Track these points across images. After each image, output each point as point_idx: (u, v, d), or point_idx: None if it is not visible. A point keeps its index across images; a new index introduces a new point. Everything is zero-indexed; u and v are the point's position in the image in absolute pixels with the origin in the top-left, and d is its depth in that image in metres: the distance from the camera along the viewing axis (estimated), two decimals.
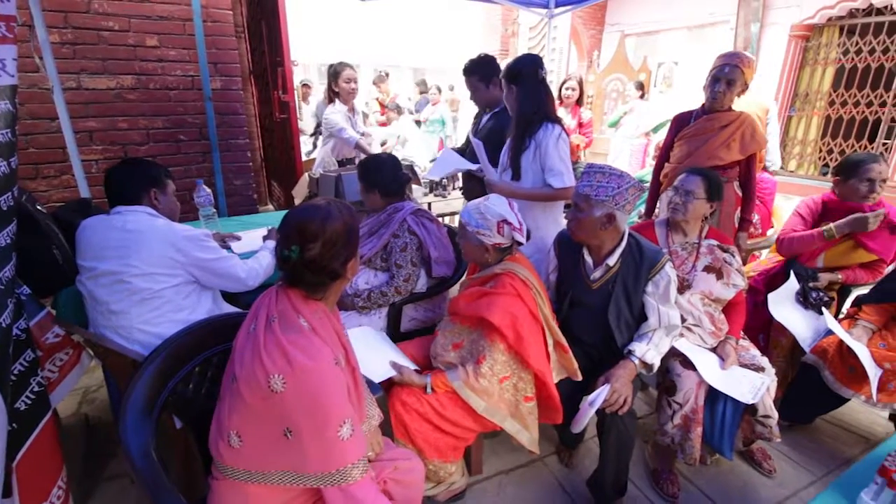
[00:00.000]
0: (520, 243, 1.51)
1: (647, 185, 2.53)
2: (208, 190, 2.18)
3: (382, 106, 6.63)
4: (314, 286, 1.00)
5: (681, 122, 2.33)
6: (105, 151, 2.62)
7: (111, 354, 1.45)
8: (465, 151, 2.53)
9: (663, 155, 2.42)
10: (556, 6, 4.02)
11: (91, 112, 2.54)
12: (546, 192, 1.91)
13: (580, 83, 4.08)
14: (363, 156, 3.32)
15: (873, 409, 1.99)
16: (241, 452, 0.92)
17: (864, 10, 5.56)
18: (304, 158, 3.53)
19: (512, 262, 1.52)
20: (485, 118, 2.48)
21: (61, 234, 1.64)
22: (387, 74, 6.94)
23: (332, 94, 3.17)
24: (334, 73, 3.12)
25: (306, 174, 3.29)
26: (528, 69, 1.89)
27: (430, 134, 5.90)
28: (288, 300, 0.98)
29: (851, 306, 2.01)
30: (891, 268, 2.00)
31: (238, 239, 2.13)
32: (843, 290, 2.16)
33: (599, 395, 1.41)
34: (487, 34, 8.64)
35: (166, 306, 1.42)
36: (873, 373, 1.69)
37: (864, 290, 1.99)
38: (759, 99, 3.43)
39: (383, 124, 6.17)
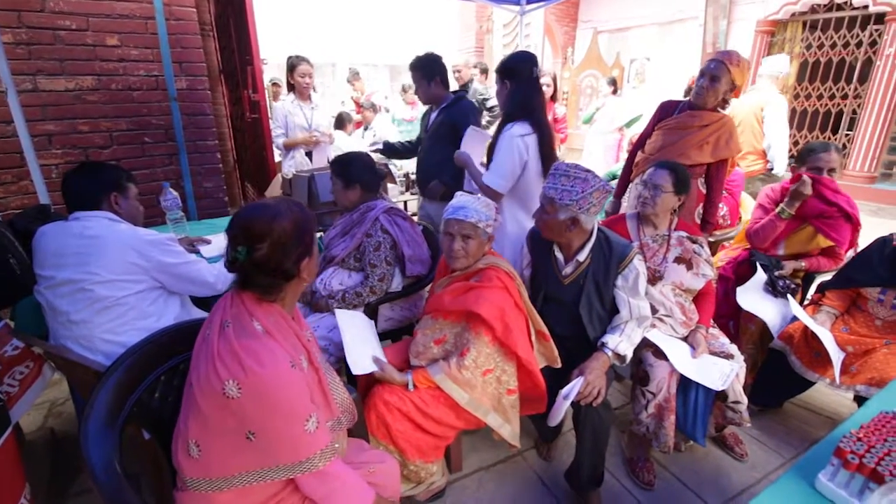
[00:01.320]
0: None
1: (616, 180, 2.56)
2: (175, 193, 2.12)
3: (358, 104, 6.55)
4: (267, 288, 0.97)
5: (665, 111, 2.31)
6: (65, 155, 2.52)
7: (73, 366, 1.40)
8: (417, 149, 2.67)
9: (641, 140, 2.41)
10: (528, 3, 4.04)
11: (49, 115, 2.44)
12: (480, 181, 1.95)
13: (554, 79, 4.12)
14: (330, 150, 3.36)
15: (838, 392, 2.06)
16: (201, 462, 0.90)
17: (825, 5, 5.75)
18: (276, 159, 3.47)
19: (492, 256, 1.55)
20: (433, 115, 2.54)
21: (19, 242, 1.58)
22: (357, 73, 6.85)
23: (290, 87, 3.27)
24: (291, 66, 3.17)
25: (279, 175, 3.25)
26: (523, 66, 1.92)
27: (412, 134, 5.86)
28: (242, 304, 0.95)
29: (815, 293, 2.08)
30: (851, 254, 2.08)
31: (208, 242, 2.08)
32: (808, 278, 2.24)
33: (573, 388, 1.42)
34: (462, 31, 8.65)
35: (130, 314, 1.38)
36: (836, 356, 1.75)
37: (828, 277, 2.06)
38: (761, 96, 3.32)
39: (359, 123, 6.10)
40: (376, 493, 1.08)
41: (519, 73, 1.92)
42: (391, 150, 2.85)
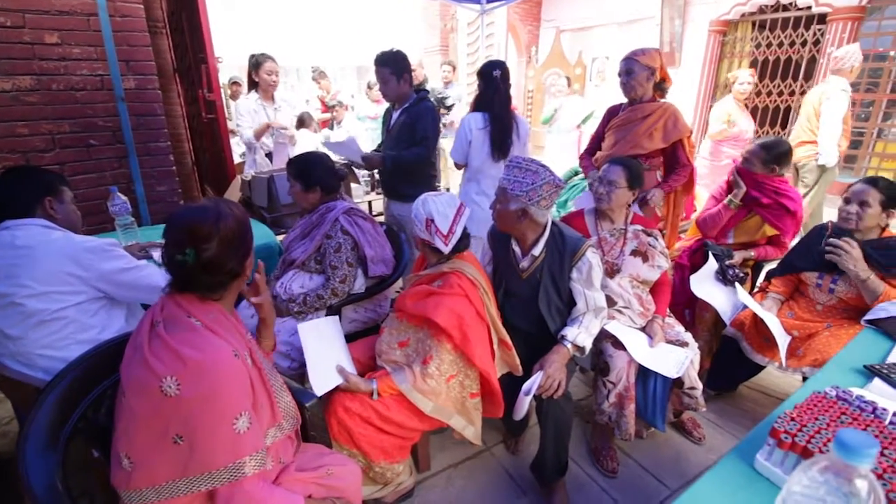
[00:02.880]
0: (438, 250, 1.49)
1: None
2: (124, 198, 2.03)
3: (323, 103, 6.46)
4: (213, 286, 0.98)
5: (611, 114, 2.45)
6: (3, 160, 2.36)
7: (12, 383, 1.32)
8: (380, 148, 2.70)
9: (593, 142, 2.55)
10: (489, 1, 4.07)
11: None
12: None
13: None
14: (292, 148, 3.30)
15: (787, 374, 2.16)
16: (132, 474, 0.87)
17: (772, 6, 6.02)
18: (237, 160, 3.38)
19: (460, 260, 1.53)
20: (395, 114, 2.53)
21: None
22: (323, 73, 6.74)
23: (251, 84, 3.19)
24: (255, 63, 3.08)
25: (239, 177, 3.16)
26: (486, 70, 2.41)
27: (377, 132, 5.82)
28: (177, 305, 0.94)
29: (763, 280, 2.19)
30: (795, 241, 2.19)
31: (161, 246, 2.00)
32: (757, 267, 2.35)
33: (534, 383, 1.44)
34: (427, 31, 8.64)
35: (70, 327, 1.31)
36: (782, 341, 1.84)
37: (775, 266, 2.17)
38: (825, 88, 3.57)
39: (325, 122, 6.01)
40: (331, 495, 1.07)
41: (484, 76, 2.41)
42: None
